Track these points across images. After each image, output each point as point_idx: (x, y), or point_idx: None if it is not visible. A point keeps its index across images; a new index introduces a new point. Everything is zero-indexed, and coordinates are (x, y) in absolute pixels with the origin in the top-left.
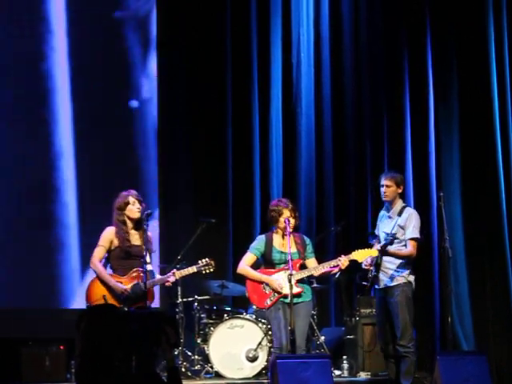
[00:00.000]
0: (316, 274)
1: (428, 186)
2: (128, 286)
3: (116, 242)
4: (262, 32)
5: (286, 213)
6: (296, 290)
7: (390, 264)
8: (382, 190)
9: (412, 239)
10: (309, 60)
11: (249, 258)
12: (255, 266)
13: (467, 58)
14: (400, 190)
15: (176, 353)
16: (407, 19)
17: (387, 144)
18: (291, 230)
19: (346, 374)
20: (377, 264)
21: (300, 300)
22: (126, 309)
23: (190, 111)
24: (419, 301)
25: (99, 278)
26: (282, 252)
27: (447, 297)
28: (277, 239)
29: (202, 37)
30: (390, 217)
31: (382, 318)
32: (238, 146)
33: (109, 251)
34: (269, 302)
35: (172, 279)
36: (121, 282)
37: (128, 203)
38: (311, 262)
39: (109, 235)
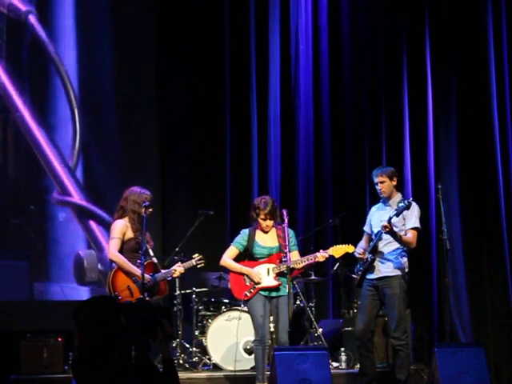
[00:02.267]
0: (297, 266)
1: (426, 178)
2: (150, 277)
3: (130, 234)
4: (260, 24)
5: (262, 215)
6: (274, 283)
7: (388, 254)
8: (378, 187)
9: (413, 228)
10: (307, 52)
11: (231, 251)
12: (239, 258)
13: (466, 52)
14: (394, 183)
15: (174, 345)
16: (407, 11)
17: (385, 136)
18: (267, 230)
19: (343, 365)
20: (374, 248)
21: (280, 294)
22: (148, 298)
23: (188, 103)
24: (417, 293)
25: (122, 268)
26: (263, 246)
27: (445, 289)
28: (259, 234)
29: (200, 27)
30: (389, 205)
31: (370, 311)
32: (237, 138)
33: (121, 243)
34: (248, 294)
35: (179, 271)
36: None
37: (147, 205)
38: (294, 254)
39: (122, 227)
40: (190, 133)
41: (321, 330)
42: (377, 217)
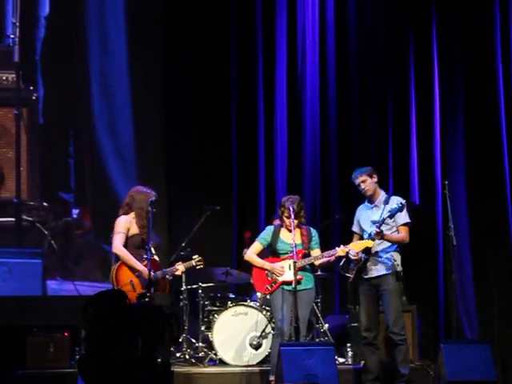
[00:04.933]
0: (316, 262)
1: (433, 174)
2: (153, 273)
3: (134, 230)
4: (267, 19)
5: (287, 213)
6: (296, 276)
7: (383, 252)
8: (361, 187)
9: (405, 224)
10: (314, 47)
11: (255, 246)
12: (263, 254)
13: (473, 45)
14: (375, 179)
15: (180, 340)
16: (413, 3)
17: (392, 132)
18: (291, 229)
19: (349, 361)
20: (367, 251)
21: (301, 287)
22: (148, 294)
23: (193, 98)
24: (423, 289)
25: (126, 263)
26: (286, 243)
27: (451, 285)
28: (284, 231)
29: (206, 23)
30: (375, 206)
31: (371, 309)
32: (243, 134)
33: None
34: (269, 288)
35: (181, 269)
36: None
37: (154, 201)
38: (315, 252)
39: (126, 223)
40: (196, 128)
41: (327, 325)
42: (365, 217)
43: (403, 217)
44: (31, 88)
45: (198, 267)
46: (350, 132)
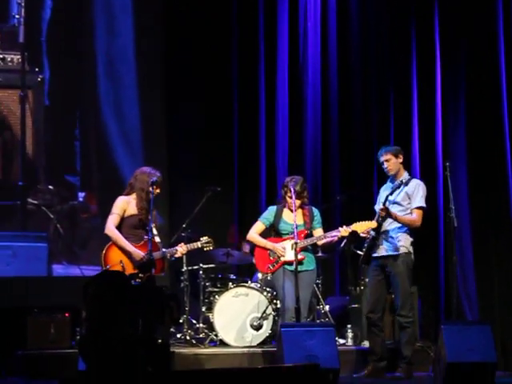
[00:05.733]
0: (319, 242)
1: (434, 155)
2: (144, 254)
3: (132, 211)
4: (269, 3)
5: (289, 193)
6: (298, 256)
7: (393, 232)
8: (384, 166)
9: (419, 208)
10: (315, 29)
11: (258, 226)
12: (265, 234)
13: (475, 29)
14: (400, 160)
15: (181, 321)
16: None
17: (393, 113)
18: (297, 207)
19: (350, 342)
20: (377, 227)
21: (303, 269)
22: (141, 275)
23: (195, 78)
24: (424, 271)
25: (116, 243)
26: (288, 223)
27: (452, 267)
28: (286, 211)
29: (208, 5)
30: (396, 185)
31: (377, 290)
32: (244, 115)
33: (121, 219)
34: (271, 268)
35: (181, 251)
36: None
37: (158, 186)
38: (317, 232)
39: (123, 204)
40: (197, 109)
41: (328, 306)
42: (384, 196)
43: (418, 200)
44: (36, 69)
45: (205, 249)
46: (351, 114)
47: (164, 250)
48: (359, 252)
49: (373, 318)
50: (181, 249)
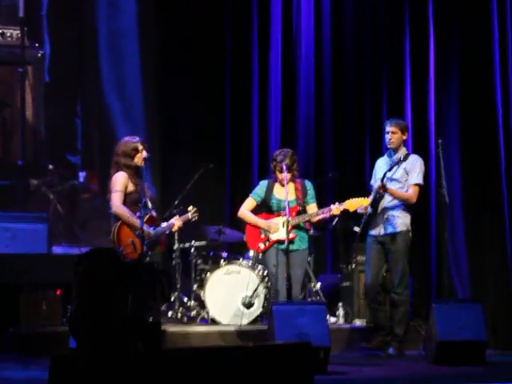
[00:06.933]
0: (313, 219)
1: (426, 132)
2: (152, 231)
3: (131, 188)
4: None
5: (279, 167)
6: (289, 235)
7: (391, 210)
8: (388, 136)
9: (416, 185)
10: (309, 10)
11: (249, 202)
12: (256, 210)
13: (469, 7)
14: (405, 137)
15: (172, 299)
16: None
17: (386, 91)
18: (287, 181)
19: (341, 321)
20: (374, 203)
21: (295, 248)
22: (150, 253)
23: (188, 55)
24: (415, 248)
25: (126, 222)
26: (280, 199)
27: (443, 244)
28: (277, 186)
29: None
30: (393, 161)
31: (376, 266)
32: (237, 91)
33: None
34: (262, 247)
35: (178, 225)
36: None
37: (137, 150)
38: (311, 207)
39: (124, 180)
40: (191, 85)
41: (319, 284)
42: (381, 170)
43: (415, 177)
44: (37, 45)
45: (193, 219)
46: (344, 91)
47: (163, 225)
48: (356, 229)
49: (372, 292)
50: (178, 222)
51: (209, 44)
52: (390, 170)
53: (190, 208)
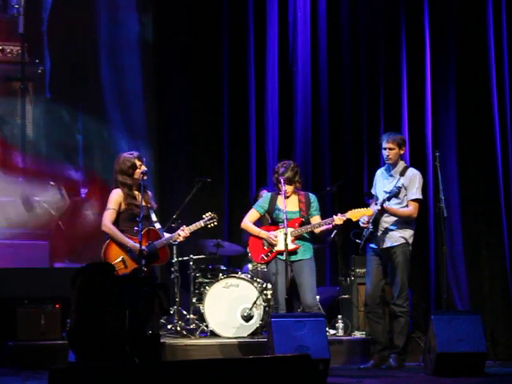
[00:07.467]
0: (316, 230)
1: (424, 145)
2: (144, 247)
3: (124, 205)
4: None
5: (281, 180)
6: (291, 246)
7: (391, 225)
8: (385, 152)
9: (414, 200)
10: (305, 17)
11: (252, 214)
12: (259, 222)
13: (465, 13)
14: (402, 152)
15: (171, 312)
16: None
17: (383, 103)
18: (287, 196)
19: (340, 333)
20: (375, 221)
21: (298, 258)
22: (145, 269)
23: (186, 70)
24: (414, 260)
25: (114, 240)
26: (283, 211)
27: (442, 257)
28: (280, 198)
29: None
30: (391, 175)
31: (376, 277)
32: (234, 105)
33: (118, 214)
34: (265, 258)
35: (183, 235)
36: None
37: (135, 167)
38: (315, 219)
39: (118, 198)
40: (188, 99)
41: (318, 297)
42: (380, 185)
43: (414, 192)
44: (37, 61)
45: (209, 226)
46: (341, 103)
47: (165, 236)
48: (358, 241)
49: (372, 304)
50: (183, 233)
51: (206, 56)
52: (388, 199)
53: (207, 214)
